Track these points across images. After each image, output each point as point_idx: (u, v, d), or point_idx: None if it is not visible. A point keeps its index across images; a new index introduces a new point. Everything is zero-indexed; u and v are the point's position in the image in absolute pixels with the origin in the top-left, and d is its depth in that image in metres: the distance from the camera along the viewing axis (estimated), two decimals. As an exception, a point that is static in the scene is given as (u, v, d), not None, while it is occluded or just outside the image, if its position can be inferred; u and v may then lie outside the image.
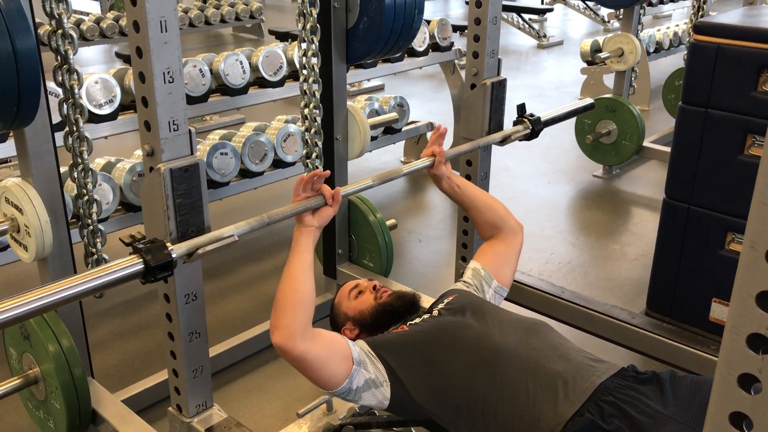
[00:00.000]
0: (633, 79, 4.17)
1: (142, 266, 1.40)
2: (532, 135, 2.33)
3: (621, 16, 4.19)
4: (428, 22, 4.05)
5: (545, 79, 6.81)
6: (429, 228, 3.66)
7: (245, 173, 3.06)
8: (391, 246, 2.67)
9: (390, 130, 3.78)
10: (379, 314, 1.78)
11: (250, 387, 2.41)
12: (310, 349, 1.48)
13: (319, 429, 1.82)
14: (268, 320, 2.56)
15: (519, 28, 8.60)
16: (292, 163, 3.21)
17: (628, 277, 3.14)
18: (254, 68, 3.32)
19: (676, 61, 5.43)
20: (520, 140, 2.33)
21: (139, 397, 2.19)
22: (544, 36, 8.45)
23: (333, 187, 1.67)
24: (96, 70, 3.68)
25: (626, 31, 4.05)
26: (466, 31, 2.46)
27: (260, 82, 3.36)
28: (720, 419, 0.61)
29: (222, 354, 2.42)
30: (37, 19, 1.93)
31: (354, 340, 1.61)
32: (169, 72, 1.47)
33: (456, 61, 4.21)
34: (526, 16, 8.65)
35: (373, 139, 3.60)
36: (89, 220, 2.00)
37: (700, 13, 4.19)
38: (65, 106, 1.86)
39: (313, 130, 2.37)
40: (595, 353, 1.59)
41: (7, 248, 2.40)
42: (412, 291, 1.94)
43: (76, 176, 1.96)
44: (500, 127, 2.38)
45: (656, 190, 4.03)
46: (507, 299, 1.98)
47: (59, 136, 1.85)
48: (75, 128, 1.89)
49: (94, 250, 2.04)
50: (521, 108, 2.33)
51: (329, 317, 1.91)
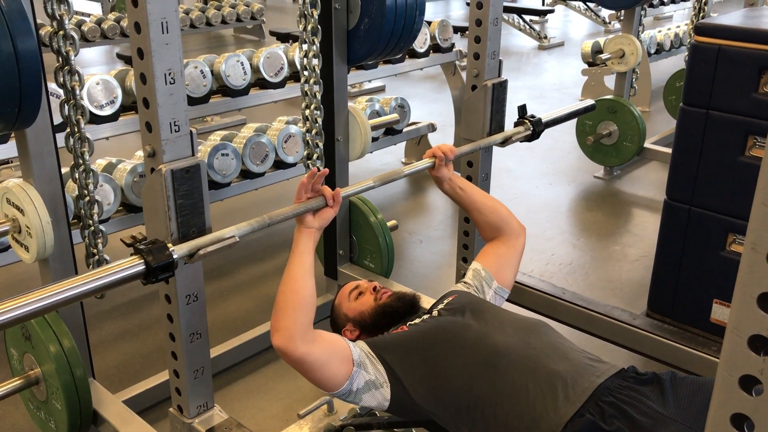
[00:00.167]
0: (634, 80, 4.16)
1: (143, 267, 1.40)
2: (533, 136, 2.33)
3: (622, 18, 4.19)
4: (429, 23, 4.05)
5: (546, 80, 6.81)
6: (430, 229, 3.66)
7: (246, 174, 3.06)
8: (392, 247, 2.67)
9: (391, 131, 3.78)
10: (379, 315, 1.78)
11: (251, 388, 2.41)
12: (311, 350, 1.48)
13: (320, 430, 1.82)
14: (269, 321, 2.56)
15: (520, 30, 8.60)
16: (293, 164, 3.22)
17: (629, 278, 3.14)
18: (255, 69, 3.32)
19: (677, 62, 5.43)
20: (521, 141, 2.33)
21: (140, 397, 2.19)
22: (545, 37, 8.45)
23: (333, 188, 1.67)
24: (97, 71, 3.69)
25: (627, 33, 4.05)
26: (467, 32, 2.46)
27: (261, 83, 3.36)
28: (721, 421, 0.61)
29: (223, 355, 2.42)
30: (39, 20, 1.94)
31: (354, 341, 1.61)
32: (170, 73, 1.48)
33: (457, 63, 4.21)
34: (527, 18, 8.65)
35: (374, 140, 3.61)
36: (90, 221, 2.01)
37: (701, 15, 4.19)
38: (66, 107, 1.86)
39: (314, 131, 2.37)
40: (596, 354, 1.59)
41: (9, 249, 2.40)
42: (412, 292, 1.94)
43: (77, 177, 1.96)
44: (501, 129, 2.38)
45: (657, 191, 4.03)
46: (508, 300, 1.98)
47: (60, 137, 1.85)
48: (76, 129, 1.89)
49: (95, 250, 2.05)
50: (522, 109, 2.33)
51: (330, 318, 1.91)
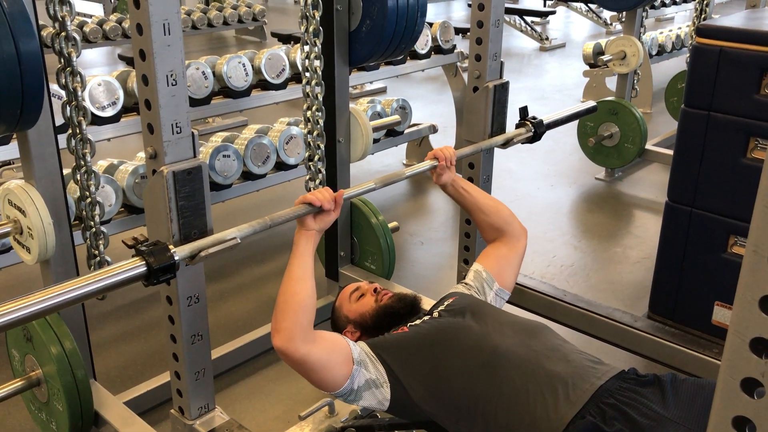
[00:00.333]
0: (635, 81, 4.16)
1: (145, 268, 1.41)
2: (535, 138, 2.33)
3: (623, 19, 4.19)
4: (430, 24, 4.05)
5: (547, 81, 6.81)
6: (431, 230, 3.66)
7: (247, 175, 3.06)
8: (393, 248, 2.66)
9: (392, 133, 3.78)
10: (380, 316, 1.78)
11: (252, 389, 2.41)
12: (312, 351, 1.48)
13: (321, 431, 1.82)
14: (270, 323, 2.56)
15: (521, 31, 8.60)
16: (295, 166, 3.22)
17: (630, 280, 3.14)
18: (257, 71, 3.32)
19: (678, 63, 5.43)
20: (522, 143, 2.33)
21: (142, 399, 2.19)
22: (547, 39, 8.45)
23: (335, 190, 1.67)
24: (99, 72, 3.69)
25: (629, 34, 4.04)
26: (468, 33, 2.46)
27: (263, 85, 3.36)
28: (723, 423, 0.61)
29: (224, 356, 2.42)
30: (41, 22, 1.94)
31: (355, 342, 1.61)
32: (172, 74, 1.48)
33: (458, 64, 4.21)
34: (529, 19, 8.65)
35: (376, 141, 3.60)
36: (92, 222, 2.01)
37: (702, 16, 4.19)
38: (68, 109, 1.86)
39: (315, 133, 2.37)
40: (597, 356, 1.59)
41: (10, 250, 2.40)
42: (413, 293, 1.94)
43: (78, 178, 1.96)
44: (503, 130, 2.38)
45: (659, 192, 4.03)
46: (509, 302, 1.98)
47: (62, 139, 1.85)
48: (78, 130, 1.89)
49: (96, 252, 2.05)
50: (523, 111, 2.33)
51: (330, 320, 1.91)
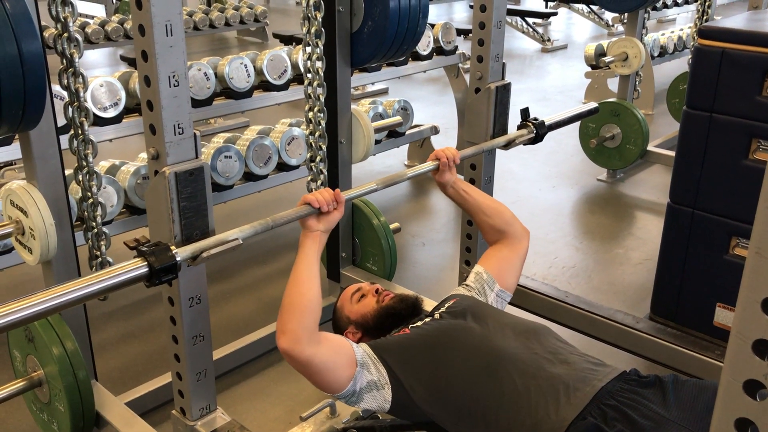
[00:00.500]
0: (637, 83, 4.16)
1: (147, 269, 1.41)
2: (537, 139, 2.33)
3: (625, 20, 4.19)
4: (432, 26, 4.05)
5: (549, 83, 6.81)
6: (433, 232, 3.66)
7: (249, 176, 3.06)
8: (394, 249, 2.66)
9: (394, 134, 3.78)
10: (382, 317, 1.78)
11: (253, 390, 2.41)
12: (317, 353, 1.47)
13: (322, 433, 1.82)
14: (271, 323, 2.58)
15: (523, 32, 8.60)
16: (296, 167, 3.22)
17: (632, 281, 3.14)
18: (259, 72, 3.32)
19: (680, 65, 5.43)
20: (524, 144, 2.33)
21: (143, 399, 2.19)
22: (548, 40, 8.45)
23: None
24: (101, 73, 3.69)
25: (630, 35, 4.04)
26: (470, 35, 2.46)
27: (265, 86, 3.36)
28: (725, 425, 0.61)
29: (226, 357, 2.42)
30: (43, 23, 1.94)
31: (357, 343, 1.61)
32: (174, 75, 1.48)
33: (460, 65, 4.21)
34: (531, 20, 8.66)
35: (377, 142, 3.61)
36: (94, 223, 2.01)
37: (704, 18, 4.19)
38: (70, 109, 1.87)
39: (317, 134, 2.37)
40: (599, 357, 1.59)
41: (12, 251, 2.40)
42: (414, 294, 1.94)
43: (80, 179, 1.96)
44: (504, 131, 2.38)
45: (660, 194, 4.03)
46: (510, 303, 1.98)
47: (64, 139, 1.85)
48: (80, 131, 1.90)
49: (98, 252, 2.05)
50: (525, 112, 2.33)
51: (332, 321, 1.91)
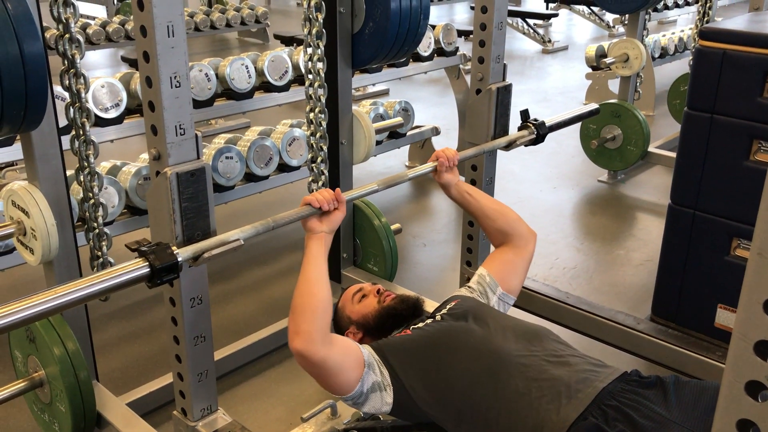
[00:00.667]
0: (638, 84, 4.16)
1: (148, 270, 1.41)
2: (538, 140, 2.33)
3: (626, 22, 4.19)
4: (433, 27, 4.05)
5: (550, 84, 6.81)
6: (434, 232, 3.66)
7: (250, 177, 3.06)
8: (395, 250, 2.66)
9: (395, 135, 3.78)
10: (383, 318, 1.78)
11: (254, 391, 2.41)
12: (330, 354, 1.47)
13: (323, 433, 1.82)
14: (272, 324, 2.58)
15: (524, 33, 8.60)
16: (297, 168, 3.22)
17: (633, 282, 3.13)
18: (260, 73, 3.33)
19: (681, 66, 5.43)
20: (525, 145, 2.33)
21: (144, 400, 2.19)
22: (549, 41, 8.45)
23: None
24: (102, 74, 3.70)
25: (631, 37, 4.04)
26: (471, 36, 2.46)
27: (266, 87, 3.37)
28: (727, 426, 0.61)
29: (227, 358, 2.42)
30: (45, 23, 1.94)
31: (358, 343, 1.61)
32: (175, 76, 1.48)
33: (461, 66, 4.21)
34: (531, 21, 8.65)
35: (378, 143, 3.61)
36: (95, 224, 2.01)
37: (705, 19, 4.19)
38: (72, 110, 1.87)
39: (318, 135, 2.37)
40: (600, 359, 1.59)
41: (13, 251, 2.40)
42: (416, 295, 1.94)
43: (82, 179, 1.97)
44: (505, 132, 2.38)
45: (661, 195, 4.03)
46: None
47: (66, 140, 1.86)
48: (81, 132, 1.90)
49: (99, 253, 2.05)
50: (524, 114, 2.33)
51: (333, 321, 1.91)
